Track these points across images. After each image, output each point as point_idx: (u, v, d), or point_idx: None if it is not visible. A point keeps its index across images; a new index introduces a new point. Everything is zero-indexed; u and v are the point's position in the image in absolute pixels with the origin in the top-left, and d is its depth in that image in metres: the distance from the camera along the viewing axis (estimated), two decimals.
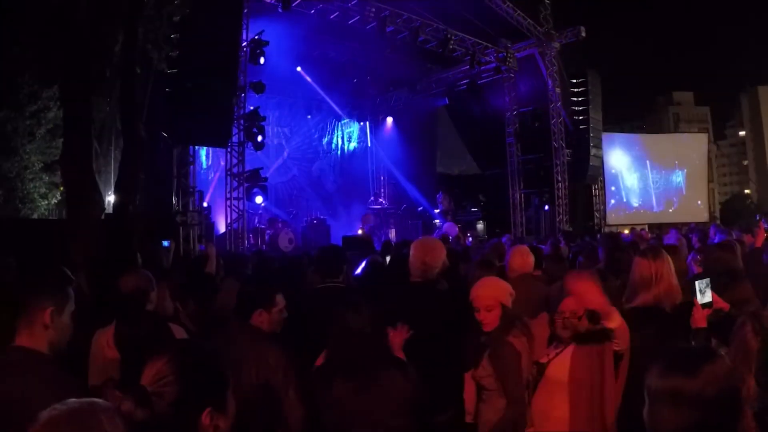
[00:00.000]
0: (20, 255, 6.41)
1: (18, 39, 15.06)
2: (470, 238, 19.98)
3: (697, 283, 3.62)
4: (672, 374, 1.86)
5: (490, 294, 3.94)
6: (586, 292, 3.49)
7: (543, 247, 8.32)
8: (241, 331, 3.58)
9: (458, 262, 6.52)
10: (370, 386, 3.37)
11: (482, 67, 21.47)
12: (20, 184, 18.94)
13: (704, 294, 3.61)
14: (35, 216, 19.09)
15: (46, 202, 19.82)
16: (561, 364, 3.75)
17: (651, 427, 1.90)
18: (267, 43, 15.31)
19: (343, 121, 25.81)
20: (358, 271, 6.52)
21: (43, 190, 19.57)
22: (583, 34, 21.03)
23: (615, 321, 3.48)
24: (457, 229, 18.91)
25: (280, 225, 18.56)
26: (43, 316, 2.54)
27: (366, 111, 25.71)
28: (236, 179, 15.36)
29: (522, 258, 5.40)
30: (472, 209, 23.02)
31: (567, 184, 22.45)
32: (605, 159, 26.70)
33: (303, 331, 4.44)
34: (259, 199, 16.04)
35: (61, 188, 18.78)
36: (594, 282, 3.52)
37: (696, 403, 1.79)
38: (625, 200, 30.63)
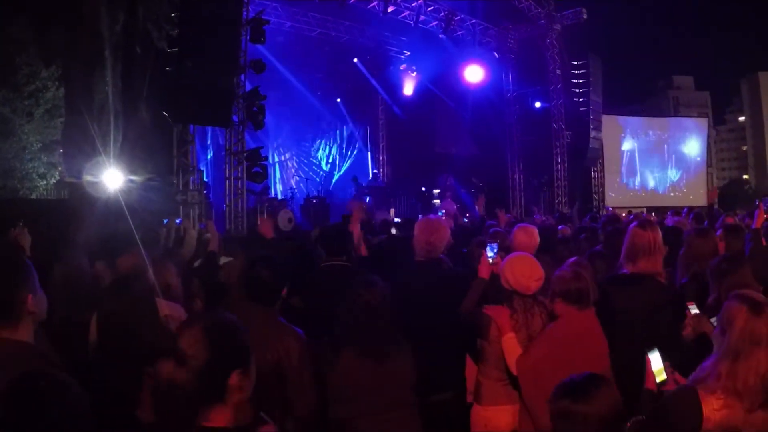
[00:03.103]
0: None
1: (17, 19, 15.01)
2: (466, 218, 19.96)
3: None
4: (564, 399, 2.35)
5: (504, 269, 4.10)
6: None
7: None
8: (253, 311, 3.54)
9: (468, 239, 6.51)
10: (384, 361, 3.45)
11: (483, 48, 21.41)
12: (19, 164, 18.91)
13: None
14: (34, 196, 19.09)
15: (45, 182, 19.80)
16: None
17: None
18: (267, 22, 15.22)
19: (342, 101, 25.72)
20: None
21: (41, 170, 19.55)
22: (585, 17, 20.97)
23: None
24: (455, 207, 18.90)
25: (279, 204, 18.55)
26: (27, 305, 2.45)
27: (365, 90, 25.63)
28: (236, 158, 15.34)
29: (526, 237, 5.27)
30: (471, 190, 23.00)
31: (566, 165, 22.46)
32: (605, 141, 26.65)
33: (309, 308, 4.47)
34: (259, 179, 16.00)
35: (60, 168, 18.78)
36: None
37: (583, 422, 2.27)
38: (624, 183, 30.59)
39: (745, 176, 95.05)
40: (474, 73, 22.32)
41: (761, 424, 2.46)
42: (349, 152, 26.64)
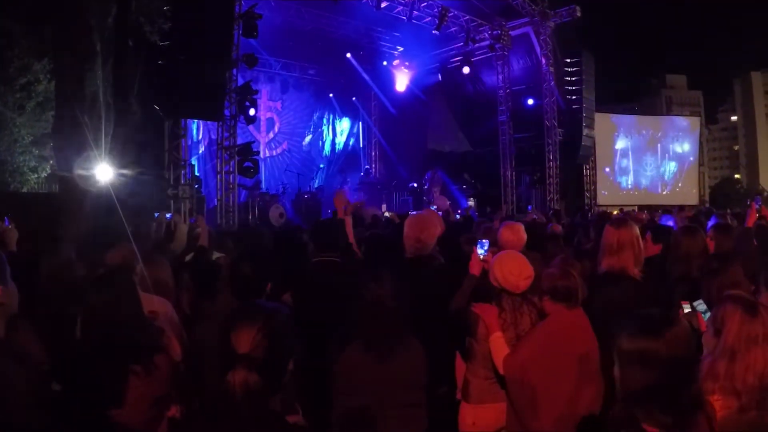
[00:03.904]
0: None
1: (8, 11, 14.89)
2: (458, 215, 19.96)
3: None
4: (640, 337, 2.11)
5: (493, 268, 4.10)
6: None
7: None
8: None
9: (458, 235, 6.49)
10: (388, 360, 3.41)
11: (476, 45, 21.41)
12: (10, 158, 18.78)
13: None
14: (25, 190, 18.98)
15: (36, 175, 19.67)
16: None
17: (622, 385, 2.15)
18: (260, 16, 15.18)
19: (334, 96, 25.67)
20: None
21: (32, 164, 19.40)
22: (578, 14, 20.94)
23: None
24: (448, 204, 18.90)
25: (270, 199, 18.53)
26: None
27: (358, 85, 25.59)
28: (227, 153, 15.31)
29: (512, 234, 5.23)
30: (463, 186, 23.04)
31: (558, 163, 22.46)
32: (597, 139, 26.68)
33: (298, 304, 4.44)
34: (250, 173, 15.96)
35: (51, 162, 18.68)
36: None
37: (660, 363, 2.04)
38: (616, 181, 30.66)
39: (736, 175, 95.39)
40: (467, 70, 22.32)
41: (754, 424, 2.46)
42: (341, 148, 26.61)
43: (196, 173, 17.57)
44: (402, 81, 24.59)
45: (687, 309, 3.68)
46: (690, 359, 2.13)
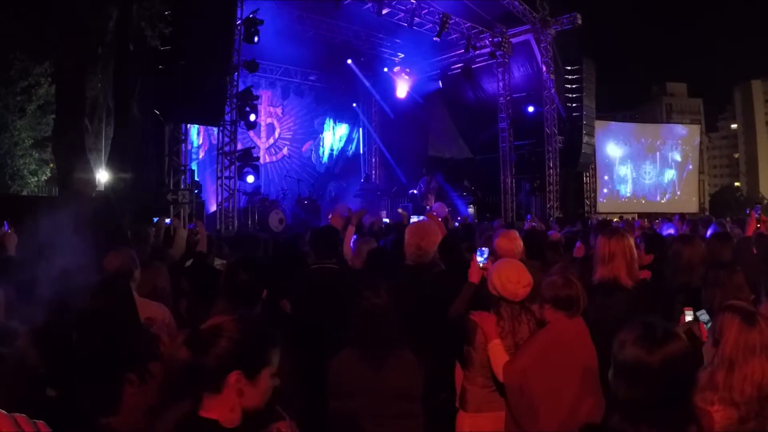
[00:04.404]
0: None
1: (10, 14, 14.92)
2: (457, 222, 19.89)
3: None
4: (635, 347, 2.08)
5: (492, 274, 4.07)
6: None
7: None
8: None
9: (459, 242, 6.46)
10: (381, 369, 3.40)
11: (477, 52, 21.42)
12: (10, 161, 18.80)
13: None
14: (25, 193, 18.98)
15: (36, 178, 19.70)
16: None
17: (613, 390, 2.13)
18: (261, 22, 15.22)
19: (335, 102, 25.66)
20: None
21: (33, 167, 19.44)
22: (579, 21, 20.95)
23: None
24: (447, 211, 18.83)
25: (269, 205, 18.51)
26: None
27: (358, 91, 25.60)
28: (228, 158, 15.30)
29: (508, 243, 5.08)
30: (463, 193, 23.00)
31: (558, 170, 22.46)
32: (597, 147, 26.68)
33: (296, 310, 4.42)
34: (250, 179, 15.97)
35: (52, 165, 18.69)
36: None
37: (652, 377, 2.01)
38: (616, 189, 30.66)
39: (736, 183, 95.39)
40: (466, 77, 22.34)
41: None
42: (342, 153, 26.58)
43: (196, 178, 17.57)
44: (402, 87, 24.58)
45: (689, 317, 3.66)
46: (686, 376, 2.08)
